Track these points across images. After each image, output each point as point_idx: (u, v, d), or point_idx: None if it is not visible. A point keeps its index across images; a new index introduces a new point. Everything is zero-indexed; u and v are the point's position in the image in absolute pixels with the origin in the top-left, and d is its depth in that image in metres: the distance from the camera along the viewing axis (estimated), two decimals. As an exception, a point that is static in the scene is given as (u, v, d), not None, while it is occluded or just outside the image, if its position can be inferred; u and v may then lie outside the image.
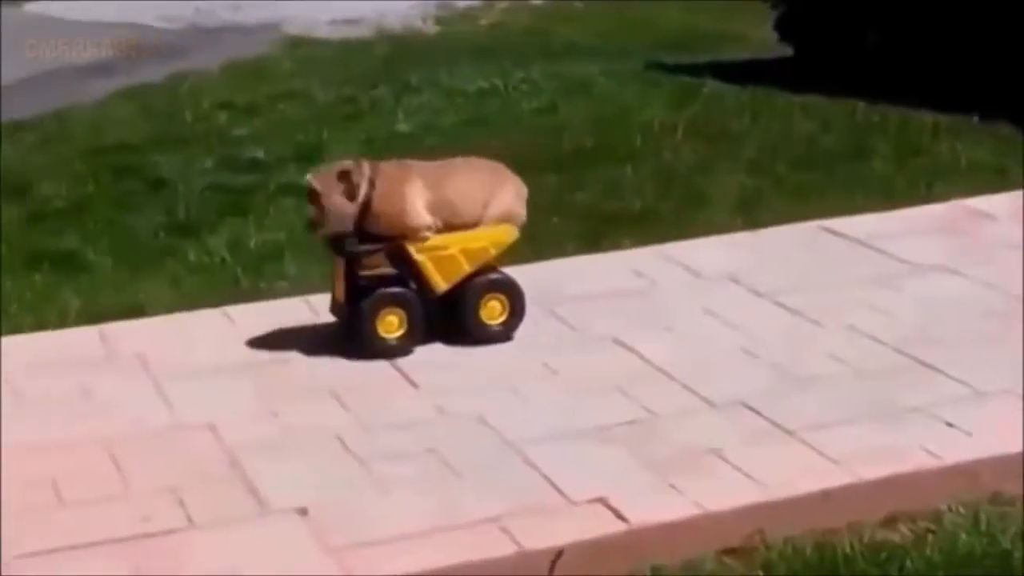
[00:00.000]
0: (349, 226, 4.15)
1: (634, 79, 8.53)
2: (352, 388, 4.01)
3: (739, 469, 3.48)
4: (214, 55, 10.00)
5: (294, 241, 5.56)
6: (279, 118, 7.94)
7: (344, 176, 4.15)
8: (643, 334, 4.33)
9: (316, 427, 3.78)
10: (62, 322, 4.68)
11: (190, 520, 3.31)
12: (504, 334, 4.30)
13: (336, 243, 4.22)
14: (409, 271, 4.22)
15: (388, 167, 4.27)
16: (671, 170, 6.41)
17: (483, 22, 11.70)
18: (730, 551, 3.25)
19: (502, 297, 4.30)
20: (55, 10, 11.56)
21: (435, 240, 4.22)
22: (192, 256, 5.45)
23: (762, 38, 9.15)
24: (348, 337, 4.23)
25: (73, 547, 3.19)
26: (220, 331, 4.51)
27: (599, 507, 3.32)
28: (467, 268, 4.24)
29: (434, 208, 4.21)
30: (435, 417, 3.84)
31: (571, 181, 6.29)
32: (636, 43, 9.86)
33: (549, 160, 6.67)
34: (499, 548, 3.17)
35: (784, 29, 8.59)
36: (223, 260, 5.39)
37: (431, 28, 11.48)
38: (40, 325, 4.64)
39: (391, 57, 9.88)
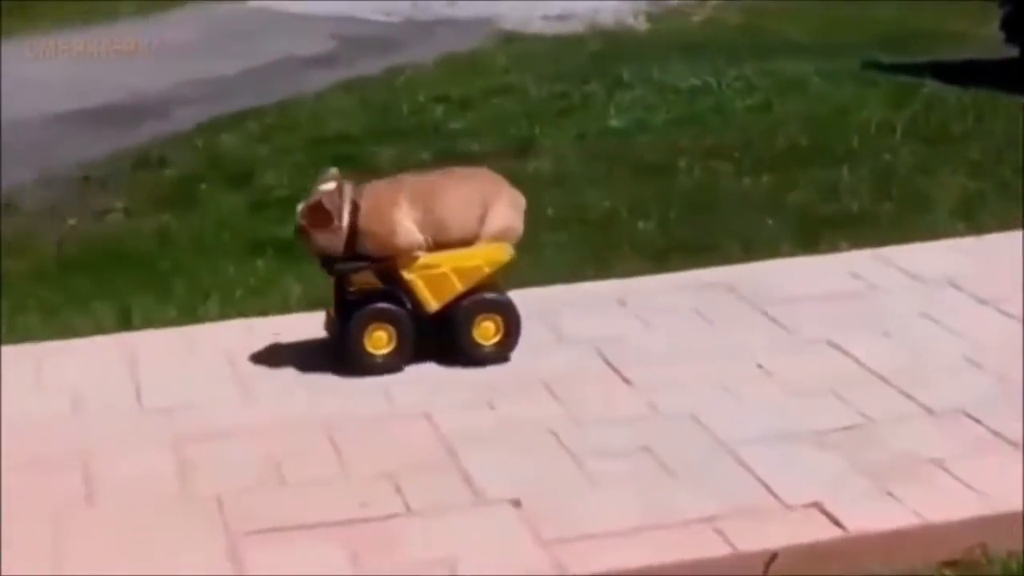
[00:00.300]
0: (338, 251, 4.06)
1: (850, 78, 8.39)
2: (566, 383, 4.03)
3: (960, 479, 3.40)
4: (430, 49, 10.16)
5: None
6: (493, 112, 8.03)
7: (316, 208, 4.03)
8: (860, 337, 4.26)
9: (530, 420, 3.81)
10: (284, 307, 4.81)
11: (407, 507, 3.36)
12: (499, 355, 4.16)
13: (326, 262, 4.14)
14: (400, 289, 4.12)
15: (375, 186, 4.15)
16: (890, 172, 6.29)
17: (695, 19, 11.63)
18: (951, 563, 3.17)
19: (496, 317, 4.16)
20: (278, 4, 11.88)
21: (426, 258, 4.09)
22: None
23: (984, 38, 8.91)
24: (337, 352, 4.16)
25: (295, 527, 3.27)
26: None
27: (814, 512, 3.28)
28: (459, 287, 4.11)
29: (424, 226, 4.08)
30: (648, 414, 3.84)
31: (786, 181, 6.22)
32: (851, 41, 9.70)
33: (763, 159, 6.62)
34: (712, 548, 3.15)
35: (1011, 29, 8.33)
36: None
37: (642, 24, 11.47)
38: (263, 310, 4.77)
39: (603, 53, 9.89)
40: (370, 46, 10.51)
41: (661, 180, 6.39)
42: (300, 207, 4.10)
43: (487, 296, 4.16)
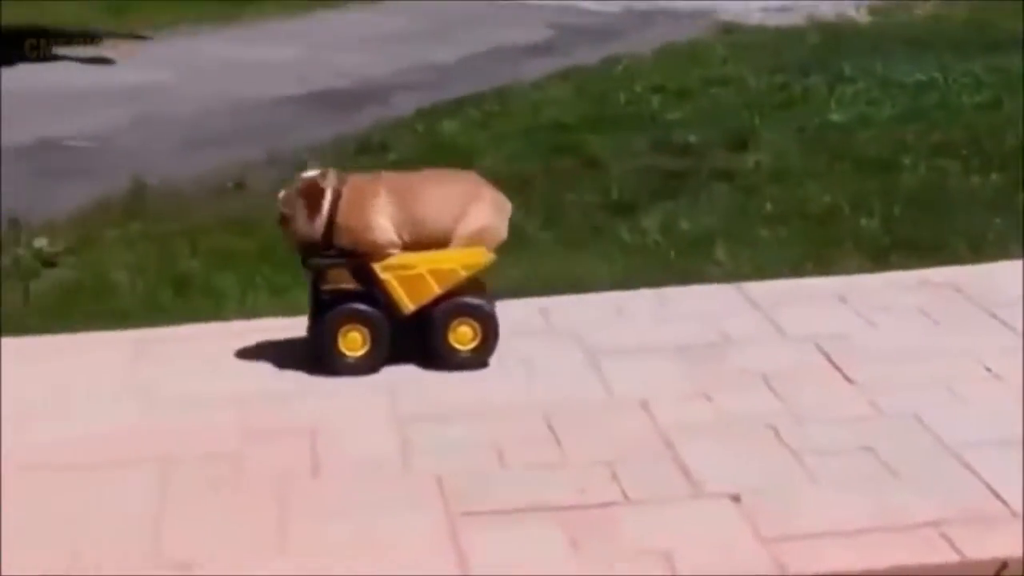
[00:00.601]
0: (316, 240, 4.01)
1: (1084, 75, 8.10)
2: (785, 378, 3.98)
3: None
4: (647, 39, 10.14)
5: (725, 227, 5.58)
6: (711, 103, 7.97)
7: (306, 191, 3.99)
8: (1095, 344, 4.11)
9: (749, 414, 3.77)
10: (504, 292, 4.83)
11: (625, 495, 3.36)
12: (476, 360, 4.07)
13: (303, 256, 4.09)
14: (375, 289, 4.04)
15: (356, 180, 4.08)
16: None
17: (918, 12, 11.38)
18: None
19: (473, 323, 4.07)
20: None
21: (401, 259, 4.01)
22: (626, 236, 5.54)
23: None
24: (312, 352, 4.09)
25: (514, 510, 3.30)
26: (653, 311, 4.57)
27: (1046, 521, 3.18)
28: (436, 289, 4.03)
29: (401, 224, 4.01)
30: (871, 414, 3.77)
31: (1016, 180, 6.03)
32: (1084, 37, 9.36)
33: (992, 157, 6.43)
34: (939, 554, 3.07)
35: None
36: (656, 242, 5.45)
37: (864, 17, 11.26)
38: (483, 295, 4.82)
39: (824, 46, 9.75)
40: (588, 35, 10.54)
41: (885, 176, 6.26)
42: (282, 195, 4.07)
43: (465, 300, 4.08)
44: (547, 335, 4.39)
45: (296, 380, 4.06)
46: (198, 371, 4.14)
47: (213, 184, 6.45)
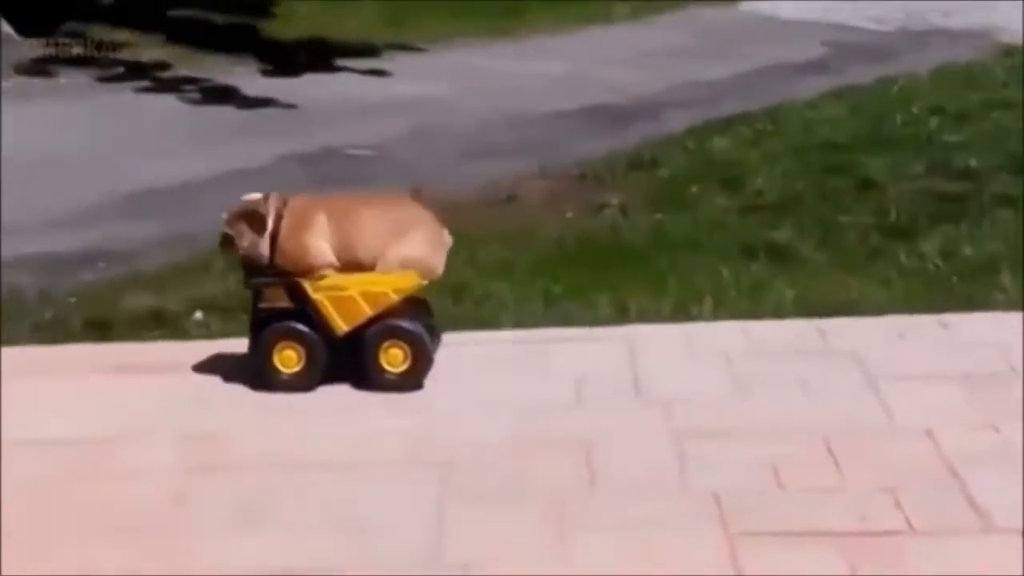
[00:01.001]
0: (265, 260, 4.05)
1: None
2: (1077, 412, 3.83)
3: None
4: (923, 59, 9.91)
5: (1011, 253, 5.40)
6: (991, 127, 7.73)
7: (247, 215, 4.04)
8: None
9: (1039, 447, 3.64)
10: (777, 312, 4.79)
11: (909, 525, 3.27)
12: (407, 383, 4.06)
13: (245, 275, 4.14)
14: (308, 309, 4.04)
15: (297, 202, 4.10)
16: None
17: None
18: None
19: (404, 345, 4.04)
20: (768, 9, 11.88)
21: (334, 280, 4.04)
22: (903, 259, 5.41)
23: None
24: (249, 368, 4.11)
25: (793, 533, 3.25)
26: (935, 337, 4.46)
27: None
28: (368, 311, 4.04)
29: (337, 247, 4.04)
30: None
31: None
32: None
33: None
34: None
35: None
36: (936, 266, 5.31)
37: None
38: (756, 314, 4.77)
39: (1111, 69, 9.35)
40: (862, 54, 10.36)
41: None
42: (224, 216, 4.13)
43: (395, 323, 4.09)
44: (825, 356, 4.32)
45: (571, 390, 4.09)
46: (474, 377, 4.21)
47: (487, 195, 6.57)
